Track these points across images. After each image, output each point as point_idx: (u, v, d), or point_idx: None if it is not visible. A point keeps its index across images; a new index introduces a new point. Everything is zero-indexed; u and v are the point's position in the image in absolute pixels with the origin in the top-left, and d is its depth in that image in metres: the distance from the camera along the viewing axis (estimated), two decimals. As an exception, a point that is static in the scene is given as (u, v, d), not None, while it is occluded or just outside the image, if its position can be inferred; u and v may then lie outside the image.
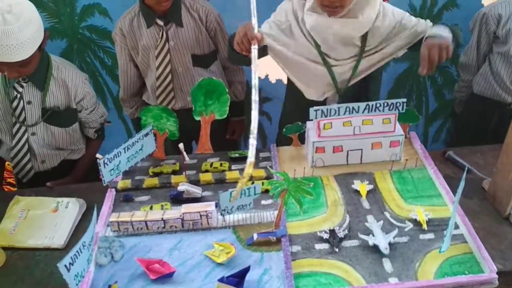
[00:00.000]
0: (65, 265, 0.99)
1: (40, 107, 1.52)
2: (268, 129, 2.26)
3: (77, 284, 1.03)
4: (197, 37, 1.68)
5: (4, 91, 1.50)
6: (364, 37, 1.42)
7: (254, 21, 1.26)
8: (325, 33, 1.38)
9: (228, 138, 1.95)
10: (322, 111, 1.31)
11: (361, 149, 1.38)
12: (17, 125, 1.53)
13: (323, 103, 1.51)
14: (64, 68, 1.53)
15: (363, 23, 1.37)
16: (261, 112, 2.09)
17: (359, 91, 1.50)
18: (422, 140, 1.56)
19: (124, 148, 1.35)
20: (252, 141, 1.07)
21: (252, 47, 1.23)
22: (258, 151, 1.51)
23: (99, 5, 1.86)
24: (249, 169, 1.03)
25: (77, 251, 1.02)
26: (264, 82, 2.09)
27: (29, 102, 1.51)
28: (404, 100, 1.31)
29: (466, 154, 1.48)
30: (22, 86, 1.49)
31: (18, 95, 1.50)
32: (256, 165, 1.43)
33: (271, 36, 1.45)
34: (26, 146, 1.56)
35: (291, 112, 1.63)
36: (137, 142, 1.39)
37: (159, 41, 1.65)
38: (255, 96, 1.10)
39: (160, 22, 1.64)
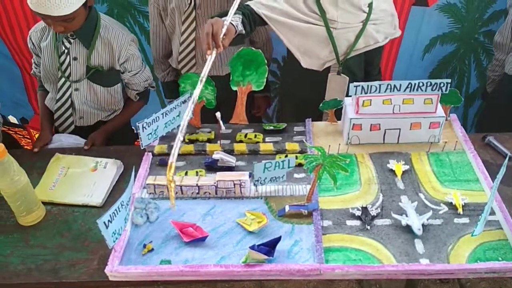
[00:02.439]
0: (104, 222, 1.02)
1: (85, 64, 1.56)
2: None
3: (114, 241, 1.06)
4: (223, 7, 1.67)
5: (54, 45, 1.55)
6: (370, 5, 1.45)
7: (227, 21, 1.24)
8: None
9: (254, 113, 1.96)
10: (363, 87, 1.30)
11: (399, 129, 1.36)
12: (63, 79, 1.58)
13: (325, 75, 1.53)
14: (111, 28, 1.56)
15: None
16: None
17: (359, 65, 1.52)
18: (462, 122, 1.52)
19: (163, 114, 1.37)
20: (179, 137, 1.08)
21: (209, 56, 1.20)
22: (292, 125, 1.52)
23: (143, -32, 1.86)
24: (169, 171, 1.03)
25: (115, 210, 1.05)
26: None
27: (75, 58, 1.55)
28: (449, 80, 1.28)
29: (506, 140, 1.44)
30: (70, 42, 1.54)
31: (66, 50, 1.54)
32: (290, 138, 1.46)
33: (267, 6, 1.45)
34: (69, 101, 1.61)
35: (291, 86, 1.63)
36: (175, 108, 1.41)
37: (187, 7, 1.66)
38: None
39: None
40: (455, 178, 1.26)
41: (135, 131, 1.81)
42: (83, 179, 1.36)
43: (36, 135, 1.77)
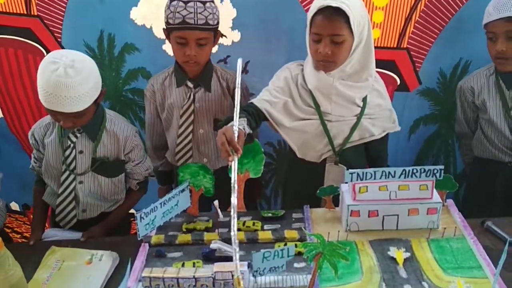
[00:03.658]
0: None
1: (90, 157, 1.59)
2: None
3: None
4: (222, 103, 1.75)
5: (59, 140, 1.58)
6: (364, 100, 1.52)
7: (236, 127, 1.29)
8: (328, 91, 1.48)
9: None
10: (358, 174, 1.31)
11: (397, 215, 1.35)
12: (67, 173, 1.60)
13: (322, 165, 1.57)
14: (117, 121, 1.62)
15: (364, 87, 1.52)
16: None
17: (357, 156, 1.57)
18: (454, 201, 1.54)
19: (161, 203, 1.36)
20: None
21: (232, 161, 1.24)
22: (291, 211, 1.51)
23: (144, 69, 1.97)
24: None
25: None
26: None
27: (81, 152, 1.58)
28: (442, 167, 1.30)
29: (506, 225, 1.42)
30: (76, 137, 1.57)
31: (72, 145, 1.58)
32: (289, 226, 1.44)
33: (270, 103, 1.51)
34: (73, 194, 1.61)
35: (289, 173, 1.68)
36: (173, 197, 1.41)
37: (186, 101, 1.73)
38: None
39: (190, 84, 1.72)
40: (457, 265, 1.23)
41: (132, 220, 1.82)
42: (77, 273, 1.32)
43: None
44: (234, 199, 1.18)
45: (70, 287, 1.27)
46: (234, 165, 1.23)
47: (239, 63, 1.38)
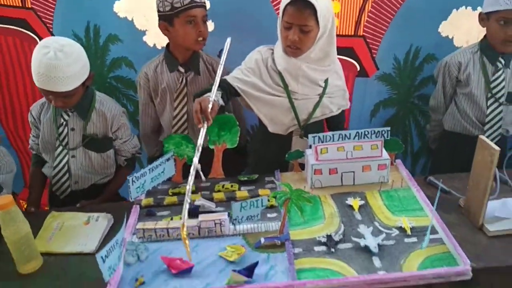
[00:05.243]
0: (101, 257, 1.13)
1: (81, 133, 1.73)
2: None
3: (109, 275, 1.16)
4: (209, 81, 1.90)
5: (53, 118, 1.72)
6: (326, 81, 1.71)
7: (212, 98, 1.45)
8: (296, 73, 1.66)
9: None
10: (319, 137, 1.51)
11: (353, 172, 1.55)
12: (60, 148, 1.74)
13: (289, 138, 1.77)
14: (105, 102, 1.76)
15: (326, 71, 1.70)
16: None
17: (319, 130, 1.72)
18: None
19: (149, 169, 1.52)
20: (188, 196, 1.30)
21: (202, 128, 1.41)
22: (264, 176, 1.69)
23: (126, 58, 2.11)
24: (182, 231, 1.23)
25: (111, 247, 1.16)
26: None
27: (72, 129, 1.72)
28: (388, 128, 1.52)
29: (446, 179, 1.64)
30: (68, 115, 1.71)
31: (64, 122, 1.72)
32: (262, 186, 1.63)
33: (241, 80, 1.68)
34: (66, 166, 1.75)
35: (265, 144, 1.84)
36: (160, 165, 1.57)
37: (179, 85, 1.88)
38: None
39: (181, 69, 1.87)
40: (403, 208, 1.44)
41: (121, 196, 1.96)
42: (77, 232, 1.47)
43: (25, 206, 1.87)
44: (196, 159, 1.36)
45: (72, 243, 1.41)
46: (202, 131, 1.40)
47: (228, 41, 1.56)
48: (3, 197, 1.25)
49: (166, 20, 1.76)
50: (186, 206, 1.27)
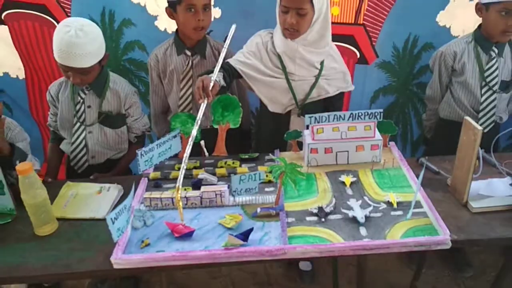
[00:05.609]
0: (111, 218, 1.24)
1: (97, 110, 1.85)
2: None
3: (118, 236, 1.27)
4: (213, 65, 1.98)
5: (71, 97, 1.84)
6: (322, 64, 1.79)
7: (213, 78, 1.56)
8: (293, 55, 1.75)
9: None
10: (315, 118, 1.60)
11: (347, 151, 1.64)
12: (78, 125, 1.86)
13: (288, 117, 1.87)
14: (118, 81, 1.88)
15: (322, 53, 1.79)
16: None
17: (316, 110, 1.77)
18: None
19: (157, 144, 1.61)
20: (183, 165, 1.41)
21: (202, 103, 1.53)
22: (264, 154, 1.78)
23: (139, 41, 2.21)
24: (177, 193, 1.35)
25: (120, 210, 1.27)
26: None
27: (89, 106, 1.84)
28: (381, 110, 1.59)
29: (437, 161, 1.72)
30: (85, 93, 1.83)
31: (81, 100, 1.84)
32: (262, 163, 1.72)
33: (243, 63, 1.78)
34: (83, 142, 1.87)
35: (266, 123, 1.96)
36: (167, 141, 1.65)
37: (185, 67, 1.97)
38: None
39: (188, 53, 1.96)
40: (392, 185, 1.53)
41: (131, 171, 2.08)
42: (90, 200, 1.58)
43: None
44: (194, 131, 1.48)
45: (86, 210, 1.53)
46: (203, 106, 1.52)
47: (233, 27, 1.67)
48: (23, 163, 1.37)
49: (171, 6, 1.87)
50: (182, 172, 1.38)
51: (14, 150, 1.58)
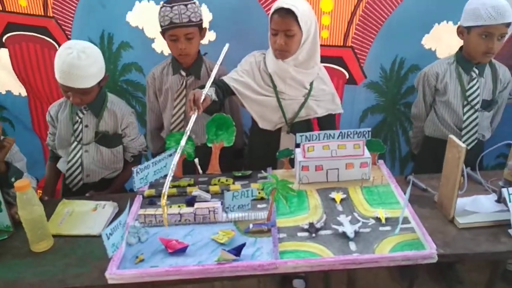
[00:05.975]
0: (106, 234, 1.26)
1: (94, 130, 1.88)
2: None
3: (113, 252, 1.29)
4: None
5: (70, 116, 1.88)
6: (311, 84, 1.86)
7: (205, 91, 1.63)
8: (284, 75, 1.82)
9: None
10: (306, 136, 1.64)
11: (338, 169, 1.67)
12: (75, 143, 1.89)
13: (278, 135, 1.93)
14: (116, 102, 1.92)
15: (311, 73, 1.85)
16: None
17: (306, 129, 1.88)
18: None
19: (153, 163, 1.64)
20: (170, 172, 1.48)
21: (192, 114, 1.59)
22: (256, 172, 1.81)
23: (136, 63, 2.27)
24: (163, 199, 1.39)
25: (115, 226, 1.30)
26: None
27: (86, 126, 1.87)
28: (369, 129, 1.64)
29: (425, 179, 1.75)
30: (83, 113, 1.87)
31: (79, 120, 1.87)
32: (255, 181, 1.75)
33: (236, 80, 1.85)
34: (79, 161, 1.90)
35: (258, 140, 2.02)
36: (162, 160, 1.68)
37: (179, 87, 2.03)
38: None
39: (183, 73, 2.02)
40: (381, 201, 1.56)
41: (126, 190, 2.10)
42: (85, 217, 1.60)
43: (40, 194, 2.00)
44: (183, 142, 1.56)
45: (81, 226, 1.54)
46: (193, 118, 1.58)
47: (226, 46, 1.75)
48: (21, 180, 1.40)
49: (162, 33, 1.96)
50: (169, 179, 1.44)
51: (9, 168, 1.60)
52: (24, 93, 2.43)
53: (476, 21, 1.83)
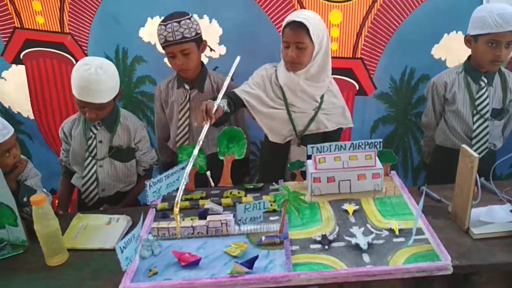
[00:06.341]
0: (120, 247, 1.26)
1: (108, 145, 1.91)
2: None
3: (126, 265, 1.29)
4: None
5: (83, 132, 1.90)
6: (322, 97, 1.86)
7: (218, 102, 1.64)
8: (294, 87, 1.83)
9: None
10: (317, 148, 1.64)
11: (350, 180, 1.66)
12: (89, 159, 1.91)
13: (287, 147, 1.93)
14: (128, 117, 1.95)
15: (321, 87, 1.85)
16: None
17: (315, 141, 1.82)
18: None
19: (165, 176, 1.64)
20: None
21: (205, 124, 1.61)
22: (268, 184, 1.81)
23: (150, 76, 2.33)
24: (176, 207, 1.41)
25: (128, 239, 1.29)
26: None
27: (100, 141, 1.90)
28: (380, 140, 1.63)
29: (438, 189, 1.73)
30: (96, 129, 1.90)
31: (93, 135, 1.90)
32: (266, 193, 1.75)
33: (248, 93, 1.86)
34: (94, 176, 1.92)
35: (268, 153, 2.03)
36: (175, 173, 1.69)
37: (183, 100, 2.07)
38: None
39: (187, 87, 2.06)
40: (394, 213, 1.54)
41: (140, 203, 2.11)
42: (99, 231, 1.61)
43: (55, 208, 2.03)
44: (196, 151, 1.58)
45: (95, 240, 1.55)
46: (205, 128, 1.60)
47: (237, 59, 1.77)
48: (37, 195, 1.41)
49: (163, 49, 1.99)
50: (182, 187, 1.46)
51: (19, 187, 1.62)
52: (31, 116, 2.48)
53: (483, 29, 1.82)
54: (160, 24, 1.92)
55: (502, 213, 1.49)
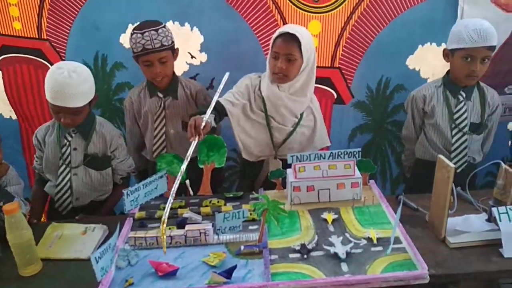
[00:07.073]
0: (95, 257, 1.22)
1: (83, 153, 1.85)
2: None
3: (102, 275, 1.25)
4: (188, 108, 2.06)
5: (57, 139, 1.85)
6: (301, 115, 1.89)
7: (206, 118, 1.64)
8: (276, 101, 1.83)
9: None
10: (297, 157, 1.63)
11: (329, 189, 1.66)
12: (63, 167, 1.85)
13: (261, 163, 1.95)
14: (104, 125, 1.90)
15: (304, 102, 1.87)
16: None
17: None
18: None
19: (143, 184, 1.62)
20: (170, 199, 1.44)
21: (193, 141, 1.59)
22: (248, 193, 1.80)
23: (129, 83, 2.29)
24: (162, 226, 1.36)
25: (104, 249, 1.26)
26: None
27: (75, 149, 1.85)
28: (359, 149, 1.64)
29: (416, 199, 1.74)
30: (71, 136, 1.85)
31: (67, 143, 1.84)
32: (246, 202, 1.73)
33: (232, 103, 1.85)
34: (68, 184, 1.86)
35: (246, 164, 2.03)
36: (153, 182, 1.66)
37: (158, 109, 2.04)
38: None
39: (160, 95, 2.04)
40: (372, 222, 1.54)
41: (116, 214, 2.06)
42: (75, 240, 1.56)
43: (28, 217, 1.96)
44: (183, 166, 1.53)
45: (70, 250, 1.50)
46: (193, 144, 1.57)
47: (226, 75, 1.77)
48: (9, 203, 1.36)
49: (134, 58, 1.97)
50: (168, 206, 1.40)
51: None
52: (14, 116, 2.41)
53: (459, 43, 1.85)
54: (135, 32, 1.88)
55: (478, 223, 1.51)
